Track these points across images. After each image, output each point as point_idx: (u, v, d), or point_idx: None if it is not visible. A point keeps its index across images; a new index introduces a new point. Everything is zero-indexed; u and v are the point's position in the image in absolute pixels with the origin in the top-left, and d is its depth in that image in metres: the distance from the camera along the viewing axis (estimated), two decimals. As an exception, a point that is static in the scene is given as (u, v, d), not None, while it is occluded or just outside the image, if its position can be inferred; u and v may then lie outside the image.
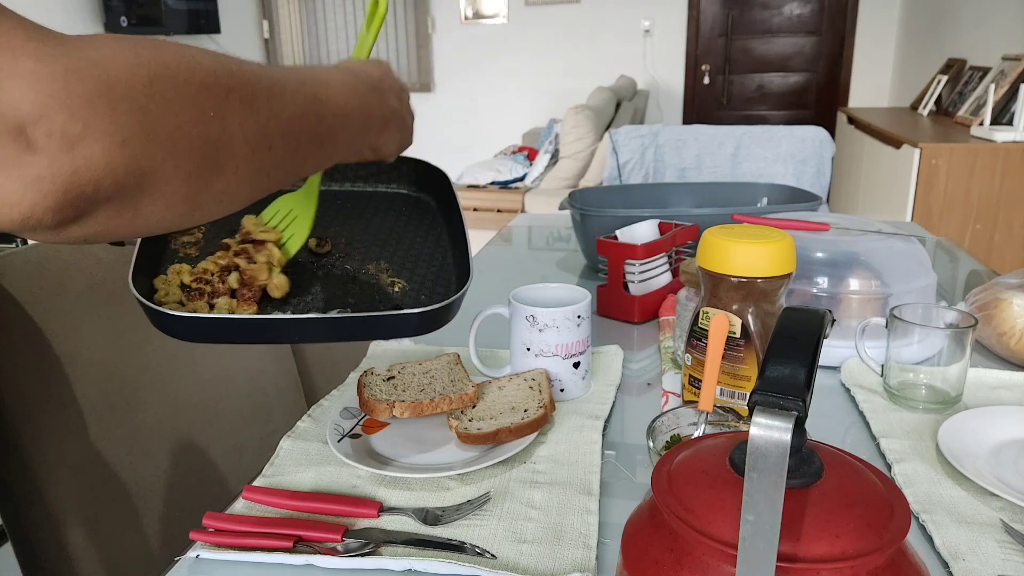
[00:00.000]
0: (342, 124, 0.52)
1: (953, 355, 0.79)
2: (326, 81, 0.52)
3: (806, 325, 0.40)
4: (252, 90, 0.42)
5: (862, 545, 0.35)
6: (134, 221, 0.37)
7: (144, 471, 0.91)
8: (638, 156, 3.13)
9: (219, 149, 0.39)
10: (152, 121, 0.35)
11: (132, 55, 0.35)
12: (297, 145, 0.46)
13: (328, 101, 0.50)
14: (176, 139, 0.36)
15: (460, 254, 0.75)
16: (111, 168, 0.34)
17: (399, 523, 0.63)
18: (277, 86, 0.45)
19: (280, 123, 0.44)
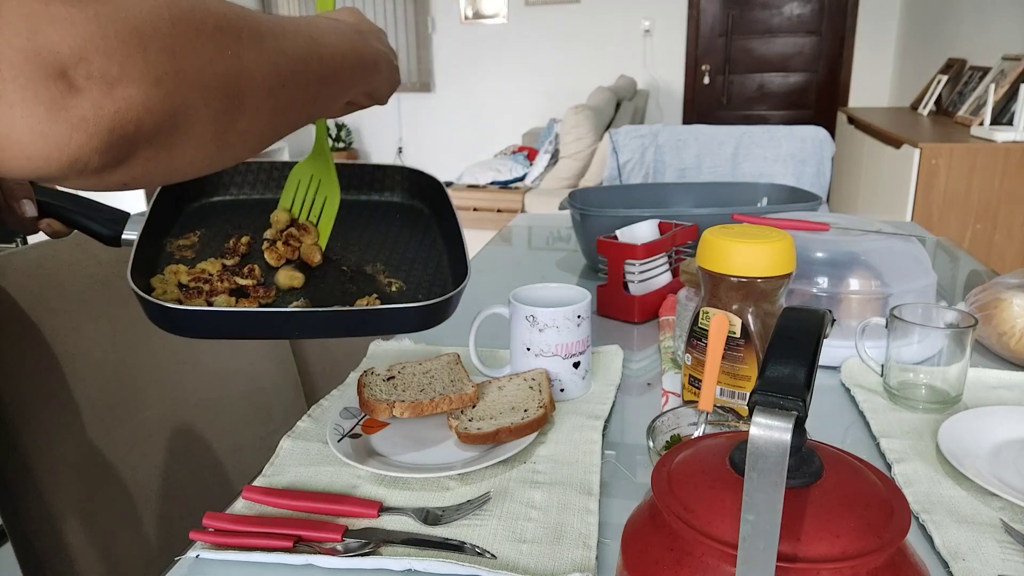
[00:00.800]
0: (340, 64, 0.53)
1: (953, 355, 0.79)
2: (316, 25, 0.52)
3: (806, 325, 0.40)
4: (259, 30, 0.43)
5: (862, 545, 0.35)
6: (171, 162, 0.38)
7: (144, 471, 0.91)
8: (638, 156, 3.13)
9: (240, 86, 0.40)
10: (180, 61, 0.36)
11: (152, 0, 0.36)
12: (306, 83, 0.47)
13: (324, 43, 0.51)
14: (203, 77, 0.37)
15: (456, 256, 0.76)
16: (148, 108, 0.35)
17: (399, 523, 0.63)
18: (278, 27, 0.46)
19: (288, 61, 0.45)
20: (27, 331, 0.82)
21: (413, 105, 6.02)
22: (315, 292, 0.70)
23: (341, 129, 6.01)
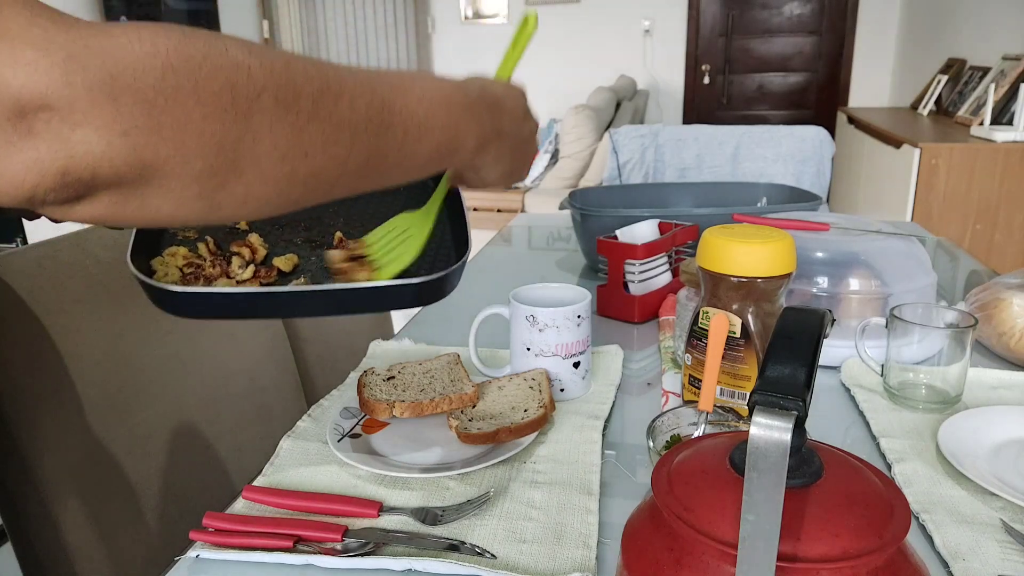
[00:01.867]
0: (416, 138, 0.47)
1: (953, 355, 0.79)
2: (406, 87, 0.47)
3: (806, 325, 0.40)
4: (295, 91, 0.39)
5: (862, 545, 0.35)
6: (143, 211, 0.37)
7: (144, 471, 0.91)
8: (638, 156, 3.13)
9: (239, 150, 0.37)
10: (159, 115, 0.34)
11: (149, 44, 0.34)
12: (346, 155, 0.43)
13: (402, 109, 0.46)
14: (185, 136, 0.35)
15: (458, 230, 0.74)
16: (109, 157, 0.34)
17: (399, 523, 0.63)
18: (333, 88, 0.41)
19: (326, 129, 0.41)
20: (27, 331, 0.82)
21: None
22: (316, 270, 0.69)
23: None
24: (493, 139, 0.55)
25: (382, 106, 0.44)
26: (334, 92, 0.42)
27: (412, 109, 0.47)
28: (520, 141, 0.59)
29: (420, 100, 0.47)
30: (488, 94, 0.55)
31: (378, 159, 0.45)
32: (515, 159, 0.59)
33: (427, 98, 0.48)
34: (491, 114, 0.55)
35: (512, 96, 0.59)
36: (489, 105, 0.55)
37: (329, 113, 0.41)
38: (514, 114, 0.58)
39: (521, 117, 0.59)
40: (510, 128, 0.57)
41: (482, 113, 0.54)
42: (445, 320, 1.11)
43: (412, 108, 0.47)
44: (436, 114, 0.49)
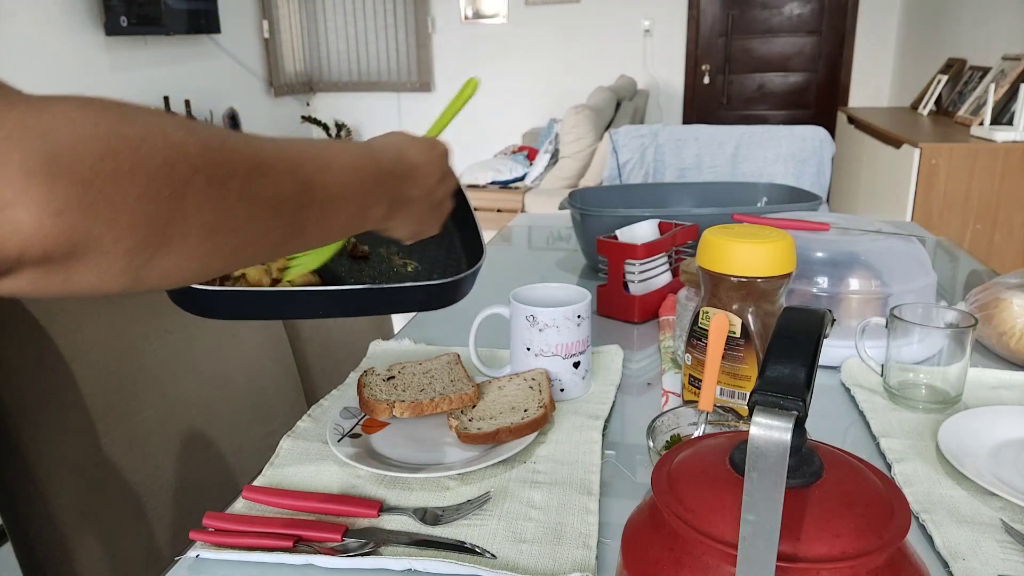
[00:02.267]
0: (333, 211, 0.50)
1: (953, 355, 0.79)
2: (328, 163, 0.49)
3: (806, 325, 0.40)
4: (227, 170, 0.40)
5: (862, 545, 0.35)
6: (65, 285, 0.37)
7: (144, 471, 0.91)
8: (638, 156, 3.13)
9: (169, 228, 0.38)
10: (94, 195, 0.34)
11: (91, 125, 0.34)
12: (269, 229, 0.44)
13: (321, 186, 0.48)
14: (119, 215, 0.35)
15: (467, 237, 0.77)
16: (39, 236, 0.33)
17: (399, 523, 0.63)
18: (262, 167, 0.43)
19: (253, 207, 0.42)
20: (28, 331, 0.82)
21: (413, 105, 6.03)
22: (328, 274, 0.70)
23: (341, 128, 6.01)
24: (401, 207, 0.58)
25: (305, 184, 0.47)
26: (263, 171, 0.43)
27: (330, 185, 0.49)
28: (430, 205, 0.62)
29: (338, 176, 0.50)
30: (401, 164, 0.58)
31: (297, 231, 0.47)
32: (423, 221, 0.62)
33: (344, 174, 0.51)
34: (402, 184, 0.58)
35: (428, 161, 0.61)
36: (401, 175, 0.57)
37: (257, 192, 0.42)
38: (426, 181, 0.60)
39: (435, 182, 0.62)
40: (420, 195, 0.60)
41: (392, 184, 0.57)
42: (445, 320, 1.11)
43: (330, 184, 0.49)
44: (351, 189, 0.51)
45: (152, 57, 4.57)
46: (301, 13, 5.91)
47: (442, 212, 0.64)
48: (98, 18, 4.13)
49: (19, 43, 3.71)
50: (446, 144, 0.65)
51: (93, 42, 4.14)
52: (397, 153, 0.58)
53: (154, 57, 4.58)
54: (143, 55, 4.50)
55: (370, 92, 6.05)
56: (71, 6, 3.99)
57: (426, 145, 0.62)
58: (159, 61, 4.63)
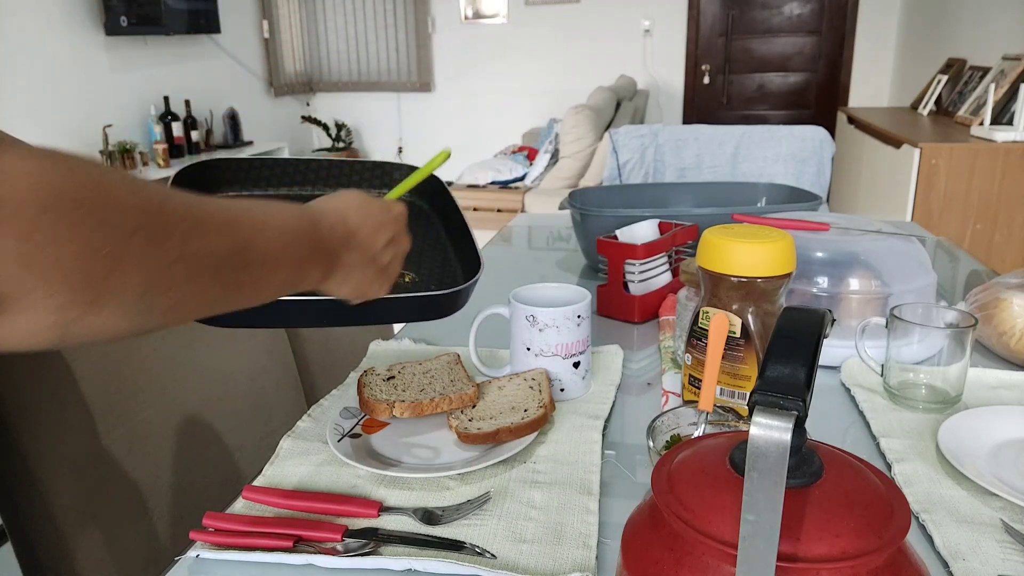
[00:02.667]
0: (268, 273, 0.50)
1: (953, 355, 0.79)
2: (265, 225, 0.49)
3: (806, 325, 0.40)
4: (168, 230, 0.40)
5: (862, 545, 0.35)
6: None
7: (144, 471, 0.91)
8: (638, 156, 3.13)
9: (104, 286, 0.37)
10: (31, 249, 0.34)
11: (35, 178, 0.34)
12: (205, 289, 0.44)
13: (258, 248, 0.48)
14: (53, 270, 0.35)
15: (462, 249, 0.78)
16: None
17: (399, 523, 0.63)
18: (202, 227, 0.43)
19: (191, 267, 0.42)
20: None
21: (413, 105, 6.03)
22: None
23: (341, 129, 6.01)
24: (339, 271, 0.58)
25: (243, 245, 0.47)
26: (203, 231, 0.43)
27: (268, 248, 0.49)
28: (374, 270, 0.61)
29: (274, 238, 0.50)
30: (341, 228, 0.58)
31: (233, 292, 0.47)
32: (363, 284, 0.61)
33: (281, 236, 0.51)
34: (340, 249, 0.57)
35: (375, 226, 0.61)
36: (340, 240, 0.57)
37: (195, 252, 0.42)
38: (369, 247, 0.60)
39: (379, 248, 0.61)
40: (360, 260, 0.60)
41: (330, 249, 0.57)
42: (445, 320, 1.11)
43: (268, 247, 0.49)
44: (287, 252, 0.51)
45: (152, 57, 4.57)
46: (301, 13, 5.91)
47: (388, 276, 0.64)
48: (98, 18, 4.13)
49: (19, 43, 3.71)
50: (403, 207, 0.65)
51: (93, 42, 4.14)
52: (339, 217, 0.58)
53: (154, 57, 4.58)
54: (143, 55, 4.50)
55: (370, 92, 6.05)
56: (71, 6, 3.99)
57: (376, 208, 0.61)
58: (159, 61, 4.62)
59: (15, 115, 3.69)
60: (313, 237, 0.55)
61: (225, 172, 0.81)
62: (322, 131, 6.00)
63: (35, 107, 3.82)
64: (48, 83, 3.87)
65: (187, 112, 4.70)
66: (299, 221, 0.54)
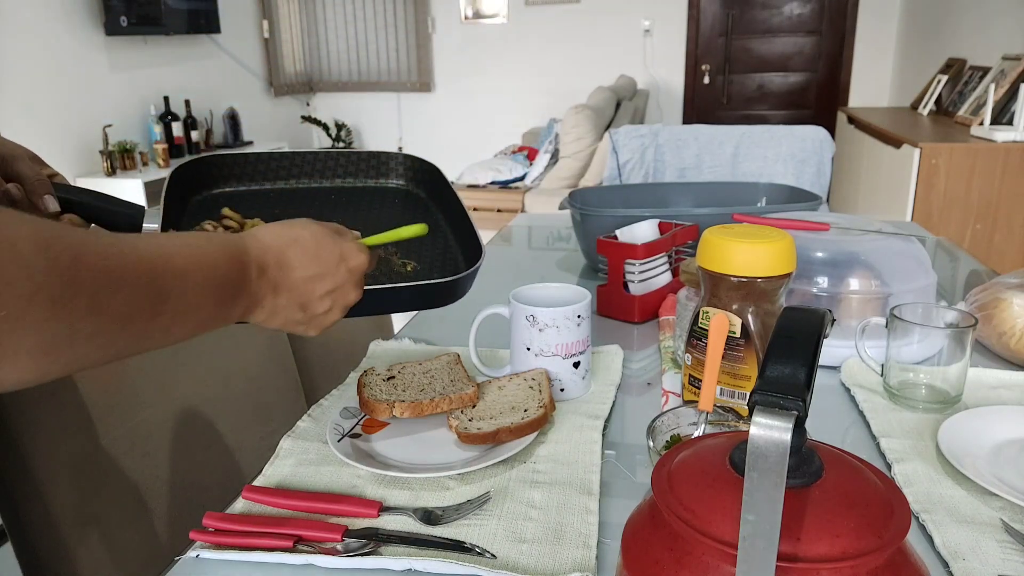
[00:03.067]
0: (183, 319, 0.48)
1: (953, 355, 0.79)
2: (185, 271, 0.48)
3: (806, 325, 0.40)
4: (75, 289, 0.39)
5: (862, 545, 0.35)
6: None
7: (144, 471, 0.91)
8: (638, 156, 3.13)
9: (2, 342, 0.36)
10: None
11: None
12: (113, 342, 0.44)
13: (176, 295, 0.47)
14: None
15: (462, 235, 0.79)
16: None
17: (399, 523, 0.63)
18: (115, 283, 0.42)
19: (99, 322, 0.41)
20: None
21: (413, 105, 6.03)
22: None
23: (341, 129, 6.01)
24: (259, 311, 0.56)
25: (158, 296, 0.45)
26: (116, 287, 0.42)
27: (185, 295, 0.48)
28: (304, 316, 0.59)
29: (196, 285, 0.48)
30: (274, 273, 0.55)
31: (143, 340, 0.46)
32: (288, 325, 0.59)
33: (203, 282, 0.49)
34: (266, 291, 0.55)
35: (315, 274, 0.57)
36: (270, 283, 0.55)
37: (105, 308, 0.41)
38: (301, 292, 0.57)
39: (314, 296, 0.58)
40: (286, 304, 0.57)
41: (255, 291, 0.54)
42: (445, 320, 1.11)
43: (186, 294, 0.48)
44: (207, 297, 0.50)
45: (152, 57, 4.57)
46: (301, 13, 5.91)
47: (318, 325, 0.61)
48: (98, 18, 4.13)
49: (19, 43, 3.71)
50: (364, 258, 0.61)
51: (93, 42, 4.14)
52: (277, 257, 0.55)
53: (154, 57, 4.58)
54: (143, 55, 4.50)
55: (370, 92, 6.05)
56: (71, 6, 3.99)
57: (326, 253, 0.58)
58: (159, 61, 4.62)
59: (15, 115, 3.69)
60: (238, 280, 0.53)
61: (221, 168, 0.82)
62: (322, 131, 6.00)
63: (35, 107, 3.82)
64: (48, 83, 3.87)
65: (187, 112, 4.70)
66: (227, 264, 0.52)
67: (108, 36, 4.18)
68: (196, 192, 0.80)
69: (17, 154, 0.69)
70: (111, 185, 4.03)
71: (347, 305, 0.61)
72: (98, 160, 4.12)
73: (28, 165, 0.69)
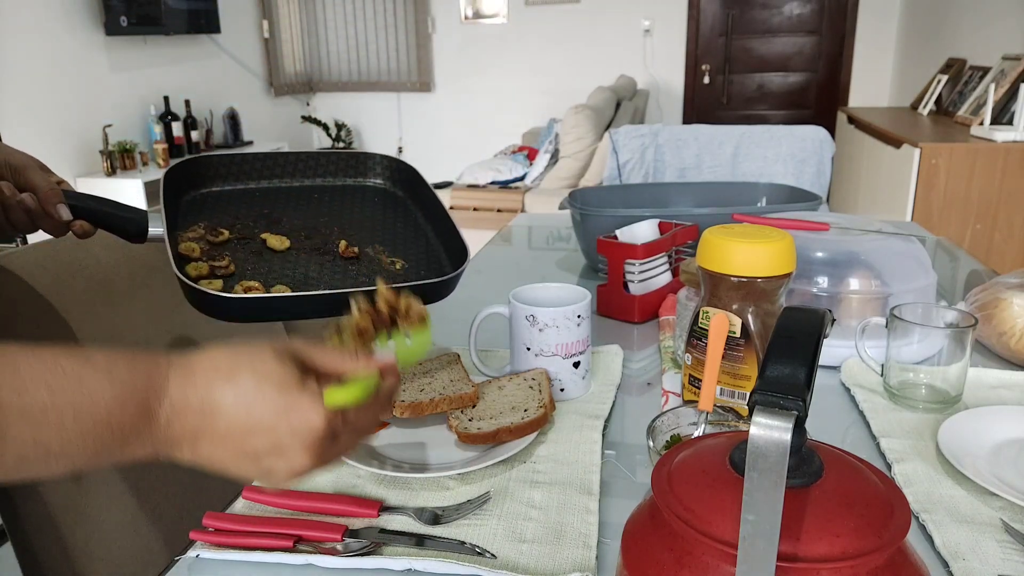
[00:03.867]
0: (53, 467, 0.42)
1: (953, 355, 0.79)
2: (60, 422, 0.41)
3: (806, 325, 0.40)
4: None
5: (862, 545, 0.35)
6: None
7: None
8: (638, 156, 3.13)
9: None
10: None
11: None
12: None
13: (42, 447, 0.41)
14: None
15: (441, 233, 0.82)
16: None
17: (399, 523, 0.63)
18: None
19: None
20: (27, 331, 0.82)
21: (413, 105, 6.03)
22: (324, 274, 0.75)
23: (341, 129, 6.01)
24: (185, 457, 0.47)
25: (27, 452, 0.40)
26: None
27: (60, 447, 0.41)
28: (249, 469, 0.48)
29: (60, 428, 0.41)
30: (195, 422, 0.45)
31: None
32: (234, 473, 0.48)
33: (72, 426, 0.42)
34: (187, 441, 0.46)
35: (249, 431, 0.46)
36: (189, 432, 0.45)
37: None
38: (234, 445, 0.46)
39: (250, 450, 0.46)
40: (217, 460, 0.47)
41: (166, 439, 0.45)
42: (445, 320, 1.11)
43: (62, 446, 0.41)
44: (78, 443, 0.42)
45: (152, 57, 4.56)
46: (301, 13, 5.91)
47: (273, 481, 0.49)
48: (98, 18, 4.13)
49: (19, 43, 3.71)
50: (320, 422, 0.46)
51: (93, 42, 4.13)
52: (201, 401, 0.45)
53: (154, 57, 4.58)
54: (143, 55, 4.50)
55: (370, 92, 6.05)
56: (71, 6, 3.99)
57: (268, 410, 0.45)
58: (159, 61, 4.62)
59: (15, 115, 3.69)
60: (134, 424, 0.44)
61: (208, 168, 0.85)
62: (322, 131, 6.00)
63: (35, 107, 3.82)
64: (48, 83, 3.87)
65: (187, 112, 4.70)
66: (120, 408, 0.43)
67: (108, 36, 4.18)
68: (186, 192, 0.83)
69: (28, 164, 0.70)
70: (111, 185, 4.03)
71: (292, 471, 0.47)
72: (98, 160, 4.12)
73: (39, 174, 0.70)
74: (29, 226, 0.69)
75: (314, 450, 0.47)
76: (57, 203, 0.68)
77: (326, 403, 0.46)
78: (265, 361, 0.46)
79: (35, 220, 0.69)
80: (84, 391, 0.42)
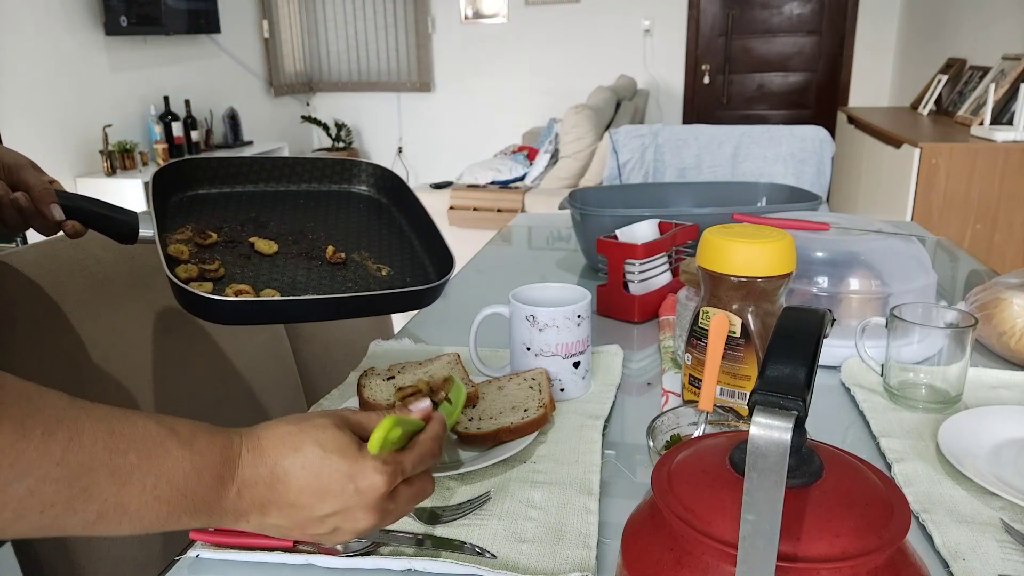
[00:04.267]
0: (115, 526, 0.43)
1: (953, 355, 0.79)
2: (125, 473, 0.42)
3: (806, 325, 0.40)
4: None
5: (862, 545, 0.35)
6: None
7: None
8: (638, 156, 3.13)
9: None
10: None
11: None
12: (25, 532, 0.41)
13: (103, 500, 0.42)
14: None
15: (426, 241, 0.83)
16: None
17: (399, 523, 0.63)
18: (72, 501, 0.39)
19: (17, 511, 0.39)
20: (27, 330, 0.82)
21: (413, 105, 6.02)
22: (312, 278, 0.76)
23: (341, 129, 6.01)
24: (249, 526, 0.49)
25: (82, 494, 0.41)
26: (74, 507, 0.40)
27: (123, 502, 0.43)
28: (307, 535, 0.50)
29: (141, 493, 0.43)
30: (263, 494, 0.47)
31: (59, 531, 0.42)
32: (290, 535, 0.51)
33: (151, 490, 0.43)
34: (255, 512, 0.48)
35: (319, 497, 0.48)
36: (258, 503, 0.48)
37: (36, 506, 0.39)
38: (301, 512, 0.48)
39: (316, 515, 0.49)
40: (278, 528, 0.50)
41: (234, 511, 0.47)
42: (445, 320, 1.11)
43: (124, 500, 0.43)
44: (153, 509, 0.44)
45: (152, 57, 4.56)
46: (301, 13, 5.91)
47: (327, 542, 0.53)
48: (98, 18, 4.13)
49: (19, 43, 3.70)
50: (379, 479, 0.49)
51: (93, 42, 4.13)
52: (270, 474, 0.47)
53: (154, 57, 4.58)
54: (143, 55, 4.50)
55: (370, 92, 6.05)
56: (71, 6, 3.99)
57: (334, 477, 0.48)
58: (159, 61, 4.62)
59: (15, 115, 3.69)
60: (207, 496, 0.46)
61: (196, 171, 0.85)
62: (322, 131, 6.00)
63: (35, 107, 3.82)
64: (48, 83, 3.87)
65: (187, 112, 4.70)
66: (196, 478, 0.45)
67: (108, 36, 4.18)
68: (173, 194, 0.83)
69: (21, 163, 0.71)
70: (111, 185, 4.03)
71: (356, 530, 0.50)
72: (98, 160, 4.12)
73: (33, 174, 0.70)
74: (21, 225, 0.69)
75: (377, 509, 0.50)
76: (50, 203, 0.68)
77: (370, 449, 0.49)
78: (326, 429, 0.49)
79: (27, 219, 0.69)
80: (169, 459, 0.44)
